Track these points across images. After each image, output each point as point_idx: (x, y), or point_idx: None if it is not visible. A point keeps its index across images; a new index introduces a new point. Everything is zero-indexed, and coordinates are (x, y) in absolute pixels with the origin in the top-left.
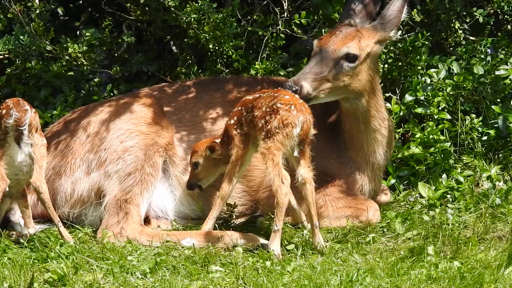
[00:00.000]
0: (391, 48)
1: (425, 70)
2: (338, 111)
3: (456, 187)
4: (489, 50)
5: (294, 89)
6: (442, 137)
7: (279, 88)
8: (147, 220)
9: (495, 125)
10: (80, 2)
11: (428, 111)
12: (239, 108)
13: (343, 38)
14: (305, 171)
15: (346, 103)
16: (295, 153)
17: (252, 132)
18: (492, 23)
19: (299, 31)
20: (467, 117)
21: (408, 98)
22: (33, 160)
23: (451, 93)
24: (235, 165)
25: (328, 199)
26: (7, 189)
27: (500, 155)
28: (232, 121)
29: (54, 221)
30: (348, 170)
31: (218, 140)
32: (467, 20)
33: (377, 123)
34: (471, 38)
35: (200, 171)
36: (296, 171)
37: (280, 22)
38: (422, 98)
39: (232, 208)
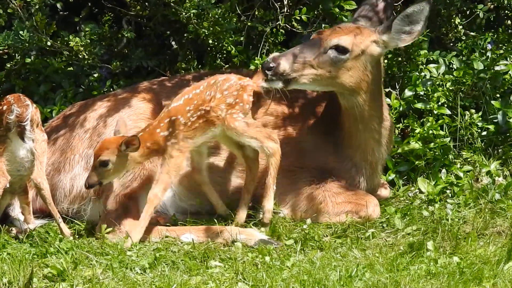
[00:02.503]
0: None
1: (424, 65)
2: (339, 110)
3: (455, 183)
4: (489, 46)
5: (270, 65)
6: (441, 132)
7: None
8: None
9: (495, 120)
10: None
11: (428, 106)
12: (176, 118)
13: (339, 31)
14: (273, 144)
15: (343, 99)
16: None
17: (202, 128)
18: (492, 18)
19: (299, 26)
20: (467, 112)
21: (408, 93)
22: (34, 155)
23: (450, 88)
24: (170, 174)
25: (327, 194)
26: (8, 186)
27: (499, 150)
28: (167, 133)
29: (54, 217)
30: (345, 166)
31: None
32: (467, 15)
33: (376, 123)
34: (471, 33)
35: (110, 169)
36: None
37: (280, 18)
38: (421, 93)
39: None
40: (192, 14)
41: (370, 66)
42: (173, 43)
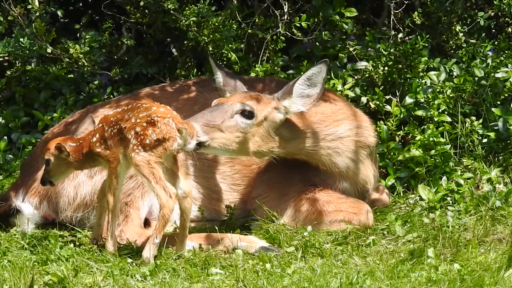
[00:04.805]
0: (392, 50)
1: (425, 73)
2: None
3: (456, 190)
4: (489, 53)
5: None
6: (442, 140)
7: (146, 100)
8: (147, 223)
9: (495, 128)
10: (80, 4)
11: (428, 114)
12: (100, 125)
13: (242, 96)
14: (185, 184)
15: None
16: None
17: (119, 145)
18: (493, 25)
19: (300, 33)
20: (467, 119)
21: (408, 100)
22: None
23: (451, 95)
24: (111, 179)
25: (318, 204)
26: None
27: (500, 158)
28: (94, 139)
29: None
30: (322, 176)
31: (74, 143)
32: (468, 22)
33: (316, 148)
34: (472, 40)
35: (51, 168)
36: (176, 185)
37: (280, 25)
38: (422, 100)
39: (231, 211)
40: (191, 22)
41: (273, 131)
42: (173, 50)
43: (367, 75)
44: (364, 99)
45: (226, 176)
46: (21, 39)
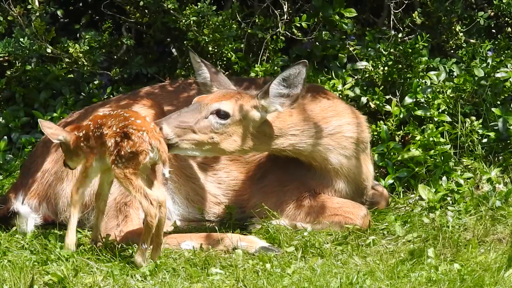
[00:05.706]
0: (392, 50)
1: (425, 72)
2: None
3: (456, 190)
4: (489, 53)
5: None
6: (442, 140)
7: (131, 109)
8: None
9: (495, 128)
10: (80, 4)
11: (428, 114)
12: (89, 123)
13: (220, 95)
14: (160, 193)
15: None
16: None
17: (99, 148)
18: (493, 25)
19: (299, 33)
20: (467, 119)
21: (408, 100)
22: None
23: (451, 95)
24: (81, 175)
25: (313, 210)
26: None
27: (500, 158)
28: (81, 134)
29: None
30: (317, 177)
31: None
32: (468, 22)
33: (304, 144)
34: (472, 40)
35: (63, 152)
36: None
37: (280, 25)
38: (422, 100)
39: (231, 211)
40: (191, 22)
41: (253, 130)
42: (173, 50)
43: (367, 75)
44: (364, 99)
45: (221, 182)
46: (21, 39)
